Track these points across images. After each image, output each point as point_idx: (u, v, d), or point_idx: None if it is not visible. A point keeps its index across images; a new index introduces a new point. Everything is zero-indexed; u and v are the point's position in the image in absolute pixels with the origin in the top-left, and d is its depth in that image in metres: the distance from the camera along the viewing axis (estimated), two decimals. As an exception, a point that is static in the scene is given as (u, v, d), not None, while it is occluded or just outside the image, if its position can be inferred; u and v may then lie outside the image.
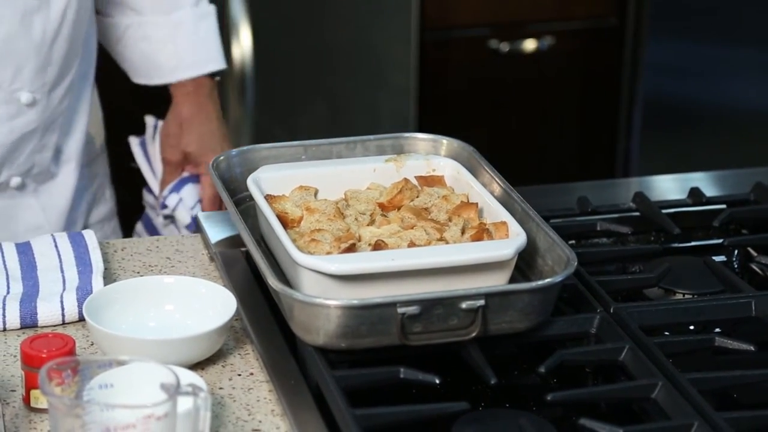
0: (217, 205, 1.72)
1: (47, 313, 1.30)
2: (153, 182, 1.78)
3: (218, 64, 1.73)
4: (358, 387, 1.17)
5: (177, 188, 1.74)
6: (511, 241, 1.26)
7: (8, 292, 1.35)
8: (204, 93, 1.73)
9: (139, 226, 1.82)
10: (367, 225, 1.32)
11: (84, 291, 1.32)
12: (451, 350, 1.22)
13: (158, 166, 1.77)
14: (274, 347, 1.25)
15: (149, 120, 1.78)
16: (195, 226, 1.63)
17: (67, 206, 1.65)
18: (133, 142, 1.78)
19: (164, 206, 1.75)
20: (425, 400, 1.18)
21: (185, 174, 1.76)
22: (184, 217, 1.74)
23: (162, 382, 1.00)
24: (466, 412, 1.13)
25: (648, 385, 1.17)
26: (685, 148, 2.97)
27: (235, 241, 1.44)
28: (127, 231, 1.86)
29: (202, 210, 1.72)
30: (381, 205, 1.36)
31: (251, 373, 1.24)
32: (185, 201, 1.74)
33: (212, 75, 1.74)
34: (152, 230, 1.80)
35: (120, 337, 1.20)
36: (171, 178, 1.75)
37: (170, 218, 1.76)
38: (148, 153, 1.78)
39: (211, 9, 1.72)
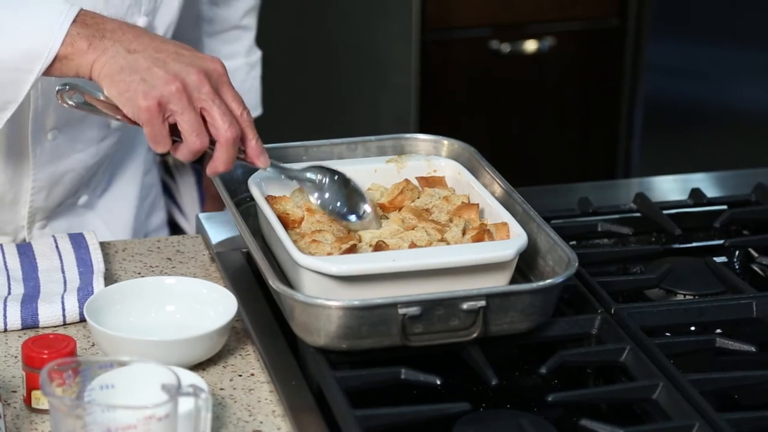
0: (219, 204, 1.73)
1: (48, 313, 1.30)
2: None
3: (258, 110, 1.80)
4: (359, 388, 1.17)
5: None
6: (512, 241, 1.26)
7: (9, 293, 1.35)
8: None
9: None
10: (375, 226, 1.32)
11: (85, 292, 1.32)
12: (452, 351, 1.22)
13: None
14: (275, 348, 1.25)
15: None
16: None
17: (131, 219, 1.66)
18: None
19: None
20: (426, 400, 1.18)
21: None
22: None
23: (163, 382, 1.00)
24: (467, 413, 1.13)
25: (649, 386, 1.17)
26: (686, 148, 2.98)
27: (236, 242, 1.45)
28: None
29: (203, 209, 1.73)
30: (382, 206, 1.36)
31: (252, 374, 1.24)
32: None
33: None
34: None
35: (121, 338, 1.20)
36: (215, 211, 1.77)
37: None
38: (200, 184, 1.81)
39: (259, 57, 1.78)
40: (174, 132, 1.26)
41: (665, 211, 1.54)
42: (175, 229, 1.79)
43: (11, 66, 1.28)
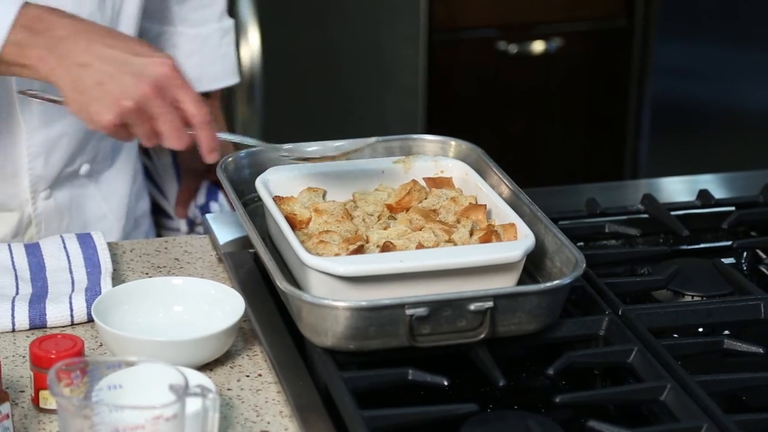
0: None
1: (56, 314, 1.31)
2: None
3: (235, 78, 1.79)
4: (367, 388, 1.17)
5: (213, 196, 1.79)
6: (520, 242, 1.26)
7: (17, 293, 1.35)
8: (216, 105, 1.78)
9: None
10: (381, 226, 1.32)
11: (93, 292, 1.33)
12: (460, 352, 1.22)
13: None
14: (283, 348, 1.25)
15: None
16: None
17: (125, 195, 1.67)
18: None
19: (209, 212, 1.79)
20: (434, 401, 1.18)
21: (207, 182, 1.79)
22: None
23: (171, 383, 1.01)
24: (475, 414, 1.13)
25: (656, 388, 1.17)
26: (694, 149, 2.97)
27: (243, 243, 1.45)
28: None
29: (180, 185, 1.76)
30: (389, 207, 1.36)
31: (259, 375, 1.24)
32: (225, 206, 1.79)
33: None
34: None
35: (129, 338, 1.21)
36: (193, 186, 1.79)
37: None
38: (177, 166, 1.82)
39: (232, 23, 1.78)
40: None
41: (673, 212, 1.54)
42: (156, 211, 1.80)
43: None
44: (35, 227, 1.55)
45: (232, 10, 2.64)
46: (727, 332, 1.32)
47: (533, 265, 1.31)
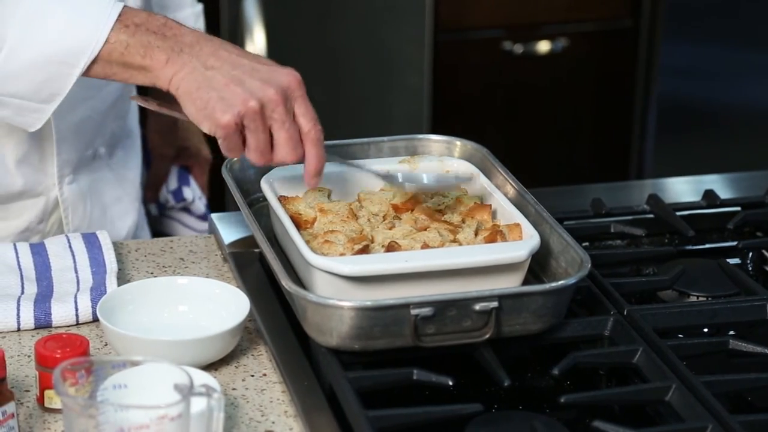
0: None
1: (61, 313, 1.31)
2: None
3: None
4: (372, 388, 1.17)
5: (185, 181, 1.80)
6: (525, 242, 1.26)
7: (23, 293, 1.35)
8: None
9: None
10: (386, 226, 1.32)
11: (98, 291, 1.33)
12: (465, 352, 1.22)
13: None
14: (288, 348, 1.25)
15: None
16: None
17: (137, 178, 1.68)
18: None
19: (182, 199, 1.79)
20: (438, 401, 1.18)
21: (177, 167, 1.82)
22: (199, 207, 1.81)
23: (175, 382, 1.01)
24: (480, 414, 1.13)
25: (662, 388, 1.17)
26: (700, 150, 2.97)
27: (248, 242, 1.45)
28: None
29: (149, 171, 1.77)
30: (394, 207, 1.36)
31: (264, 374, 1.24)
32: (196, 192, 1.80)
33: None
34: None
35: (134, 338, 1.21)
36: (163, 170, 1.80)
37: (182, 210, 1.81)
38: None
39: (201, 7, 1.80)
40: None
41: (678, 213, 1.54)
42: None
43: (56, 60, 1.30)
44: (63, 212, 1.56)
45: (238, 10, 2.65)
46: (732, 333, 1.32)
47: (538, 265, 1.31)
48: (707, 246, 1.51)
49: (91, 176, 1.59)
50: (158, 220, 1.82)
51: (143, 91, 1.51)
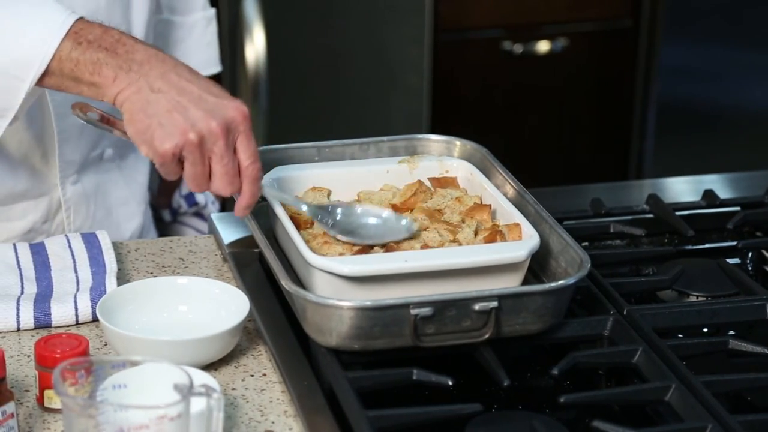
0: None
1: (61, 313, 1.31)
2: None
3: (218, 67, 1.80)
4: (371, 388, 1.17)
5: None
6: (525, 242, 1.26)
7: (22, 293, 1.35)
8: None
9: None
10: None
11: (98, 291, 1.33)
12: (464, 352, 1.22)
13: None
14: (287, 348, 1.25)
15: None
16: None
17: (145, 180, 1.68)
18: None
19: (195, 203, 1.79)
20: (438, 401, 1.18)
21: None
22: (212, 212, 1.80)
23: (175, 382, 1.01)
24: (479, 414, 1.13)
25: (661, 388, 1.17)
26: (699, 150, 2.97)
27: (248, 242, 1.45)
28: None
29: (222, 201, 1.76)
30: (394, 207, 1.36)
31: (264, 374, 1.24)
32: (210, 196, 1.79)
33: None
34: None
35: (133, 338, 1.21)
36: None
37: (195, 215, 1.81)
38: None
39: (214, 12, 1.79)
40: None
41: (678, 213, 1.54)
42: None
43: (3, 72, 1.29)
44: (65, 212, 1.56)
45: (238, 10, 2.65)
46: (732, 332, 1.32)
47: (538, 265, 1.31)
48: (707, 246, 1.51)
49: (97, 177, 1.59)
50: (170, 226, 1.82)
51: None
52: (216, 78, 1.81)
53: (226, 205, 2.53)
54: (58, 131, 1.51)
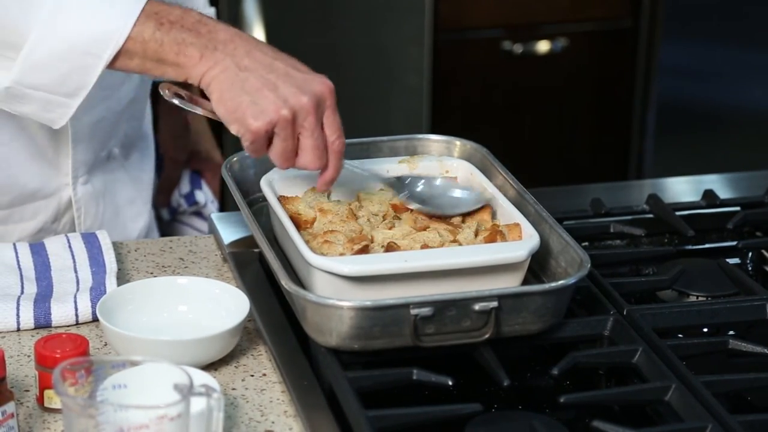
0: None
1: (61, 313, 1.31)
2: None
3: None
4: (371, 388, 1.17)
5: (197, 185, 1.79)
6: (525, 242, 1.26)
7: (22, 293, 1.35)
8: None
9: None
10: (386, 226, 1.32)
11: (98, 291, 1.33)
12: (464, 352, 1.22)
13: None
14: (287, 348, 1.25)
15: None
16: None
17: (150, 180, 1.68)
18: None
19: (194, 202, 1.79)
20: (438, 401, 1.18)
21: (189, 171, 1.81)
22: (212, 211, 1.81)
23: (175, 382, 1.01)
24: (479, 414, 1.13)
25: (661, 388, 1.17)
26: (699, 150, 2.97)
27: (248, 242, 1.45)
28: None
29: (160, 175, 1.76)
30: (394, 207, 1.36)
31: (264, 374, 1.24)
32: (209, 195, 1.79)
33: None
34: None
35: (133, 338, 1.21)
36: (176, 174, 1.79)
37: (194, 214, 1.81)
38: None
39: (214, 12, 1.80)
40: None
41: (678, 213, 1.54)
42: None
43: (80, 50, 1.29)
44: (75, 212, 1.56)
45: (238, 10, 2.65)
46: (732, 332, 1.32)
47: (538, 265, 1.31)
48: (707, 246, 1.51)
49: (105, 177, 1.59)
50: (170, 225, 1.82)
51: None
52: None
53: (226, 204, 2.53)
54: (73, 131, 1.50)
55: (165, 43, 1.26)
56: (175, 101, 1.31)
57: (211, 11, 1.77)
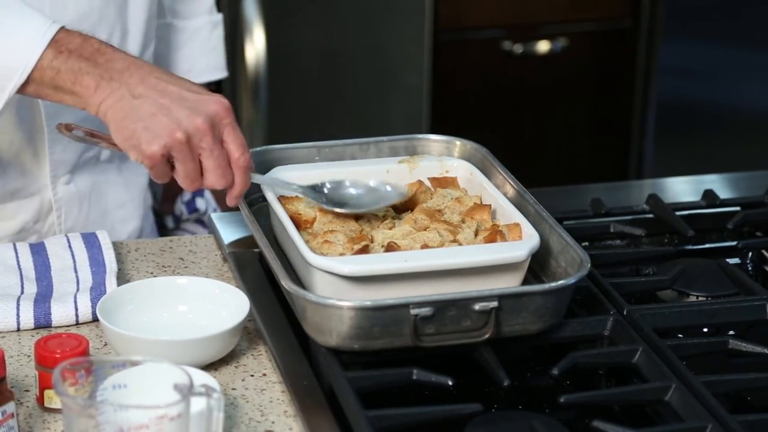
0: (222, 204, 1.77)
1: (61, 313, 1.31)
2: None
3: (223, 72, 1.80)
4: (371, 388, 1.17)
5: (199, 192, 1.79)
6: (525, 242, 1.26)
7: (22, 293, 1.35)
8: None
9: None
10: (386, 226, 1.32)
11: (98, 291, 1.33)
12: (464, 352, 1.22)
13: None
14: (287, 348, 1.25)
15: None
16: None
17: (145, 183, 1.67)
18: None
19: (195, 209, 1.78)
20: (438, 401, 1.18)
21: None
22: None
23: (175, 382, 1.01)
24: (479, 414, 1.13)
25: (661, 388, 1.17)
26: (699, 150, 2.97)
27: (248, 242, 1.45)
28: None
29: (222, 208, 1.75)
30: (394, 207, 1.36)
31: (264, 374, 1.24)
32: (211, 202, 1.78)
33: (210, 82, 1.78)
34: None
35: (133, 338, 1.21)
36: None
37: (196, 222, 1.80)
38: None
39: (221, 18, 1.79)
40: None
41: (678, 213, 1.54)
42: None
43: None
44: (56, 213, 1.56)
45: (237, 10, 2.65)
46: (732, 332, 1.32)
47: (538, 265, 1.31)
48: (707, 246, 1.51)
49: (93, 178, 1.59)
50: (173, 233, 1.81)
51: None
52: (217, 81, 1.81)
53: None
54: (49, 131, 1.51)
55: (62, 71, 1.28)
56: (75, 137, 1.33)
57: (218, 17, 1.76)
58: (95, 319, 1.31)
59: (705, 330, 1.32)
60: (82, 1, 1.49)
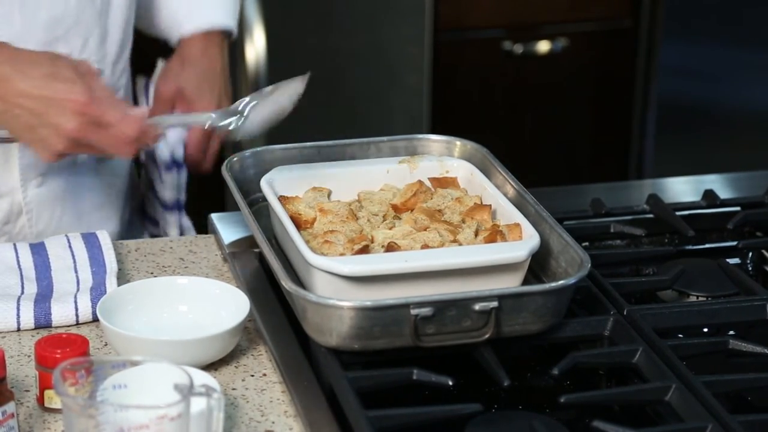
0: (200, 150, 1.66)
1: (61, 313, 1.31)
2: None
3: (231, 22, 1.69)
4: (371, 388, 1.17)
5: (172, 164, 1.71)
6: (525, 242, 1.26)
7: (23, 293, 1.35)
8: (215, 43, 1.68)
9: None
10: (386, 226, 1.32)
11: (98, 291, 1.33)
12: (464, 352, 1.22)
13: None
14: (288, 348, 1.25)
15: (161, 63, 1.73)
16: (174, 167, 1.64)
17: (125, 185, 1.66)
18: (140, 82, 1.73)
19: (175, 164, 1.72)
20: (438, 401, 1.18)
21: (175, 113, 1.73)
22: (162, 152, 1.68)
23: (175, 382, 1.01)
24: (479, 414, 1.13)
25: (662, 388, 1.17)
26: (700, 150, 2.97)
27: (248, 242, 1.45)
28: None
29: (185, 154, 1.68)
30: (394, 207, 1.36)
31: (264, 374, 1.24)
32: (167, 137, 1.66)
33: (224, 35, 1.70)
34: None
35: (134, 338, 1.21)
36: (158, 113, 1.69)
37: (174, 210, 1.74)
38: (148, 93, 1.73)
39: (234, 24, 1.72)
40: None
41: (678, 213, 1.54)
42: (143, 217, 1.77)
43: None
44: (26, 215, 1.55)
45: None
46: (732, 332, 1.32)
47: (538, 265, 1.31)
48: (707, 246, 1.51)
49: (68, 180, 1.57)
50: (159, 227, 1.76)
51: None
52: (230, 38, 1.74)
53: (226, 204, 2.52)
54: None
55: None
56: None
57: (232, 23, 1.71)
58: (95, 319, 1.31)
59: (705, 330, 1.32)
60: (56, 4, 1.48)
